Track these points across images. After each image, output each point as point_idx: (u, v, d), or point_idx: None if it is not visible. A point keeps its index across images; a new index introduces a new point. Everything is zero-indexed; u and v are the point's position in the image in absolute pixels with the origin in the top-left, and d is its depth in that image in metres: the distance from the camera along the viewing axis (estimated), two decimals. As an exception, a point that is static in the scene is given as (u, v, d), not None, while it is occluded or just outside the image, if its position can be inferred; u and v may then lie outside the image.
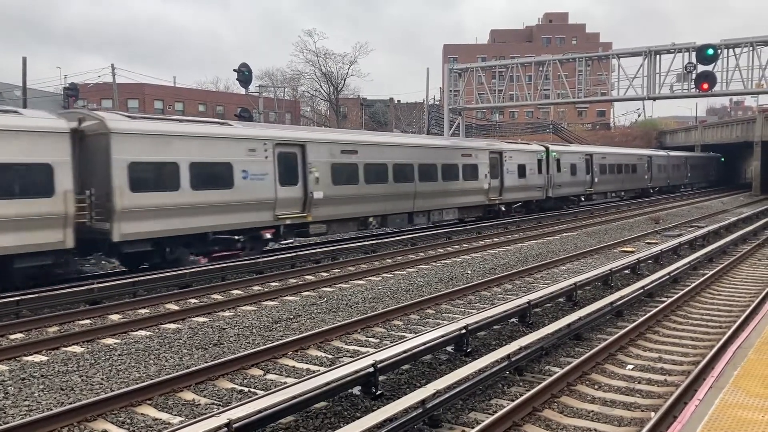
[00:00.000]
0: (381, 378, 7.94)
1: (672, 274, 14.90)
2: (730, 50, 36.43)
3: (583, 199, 39.35)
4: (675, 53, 37.34)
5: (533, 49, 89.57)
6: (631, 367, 9.16)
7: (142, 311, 12.84)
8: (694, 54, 36.35)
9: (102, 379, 8.73)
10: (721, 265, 16.79)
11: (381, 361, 7.84)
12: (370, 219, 22.87)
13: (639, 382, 8.52)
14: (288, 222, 19.22)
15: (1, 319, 11.81)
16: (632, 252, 19.47)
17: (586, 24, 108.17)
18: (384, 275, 16.58)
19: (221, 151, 17.28)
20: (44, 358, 9.65)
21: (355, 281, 15.81)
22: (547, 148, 34.49)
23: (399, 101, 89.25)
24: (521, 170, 31.78)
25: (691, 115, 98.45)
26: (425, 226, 26.54)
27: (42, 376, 8.80)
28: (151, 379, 8.41)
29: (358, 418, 6.73)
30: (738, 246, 20.97)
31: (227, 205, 17.32)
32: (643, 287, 13.17)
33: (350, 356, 9.48)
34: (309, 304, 13.30)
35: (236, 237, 17.97)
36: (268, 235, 19.10)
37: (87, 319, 12.17)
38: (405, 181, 23.94)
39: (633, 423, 7.18)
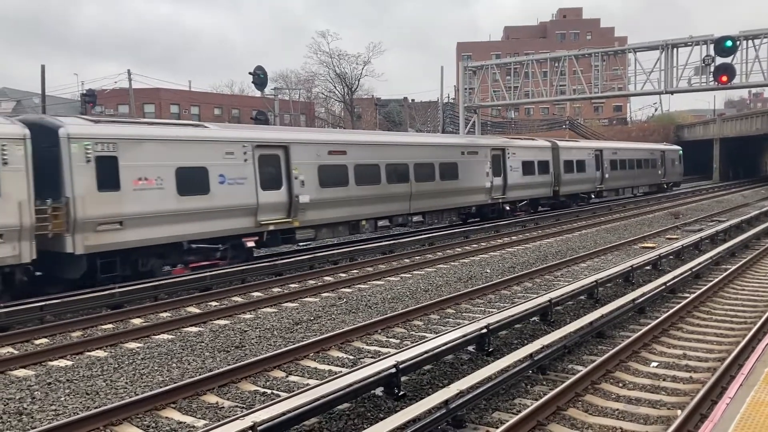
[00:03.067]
0: (403, 378, 7.93)
1: (694, 270, 14.73)
2: (750, 41, 35.89)
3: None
4: (692, 46, 36.85)
5: (547, 45, 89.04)
6: (655, 364, 9.07)
7: (164, 315, 12.93)
8: (712, 46, 35.90)
9: (126, 383, 8.80)
10: (744, 260, 16.58)
11: (403, 362, 7.83)
12: None
13: (664, 380, 8.43)
14: None
15: (26, 325, 11.96)
16: (653, 248, 19.28)
17: (600, 19, 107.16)
18: (402, 275, 16.56)
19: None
20: (69, 363, 9.75)
21: (374, 281, 15.81)
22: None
23: (413, 100, 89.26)
24: None
25: (709, 108, 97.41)
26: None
27: (67, 380, 8.89)
28: (175, 383, 8.45)
29: (382, 419, 6.74)
30: (761, 240, 20.68)
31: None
32: (665, 283, 13.04)
33: (372, 357, 9.47)
34: (329, 305, 13.32)
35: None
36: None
37: (109, 323, 12.28)
38: None
39: (659, 421, 7.11)
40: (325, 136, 23.40)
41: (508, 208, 29.61)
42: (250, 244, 17.92)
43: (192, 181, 16.20)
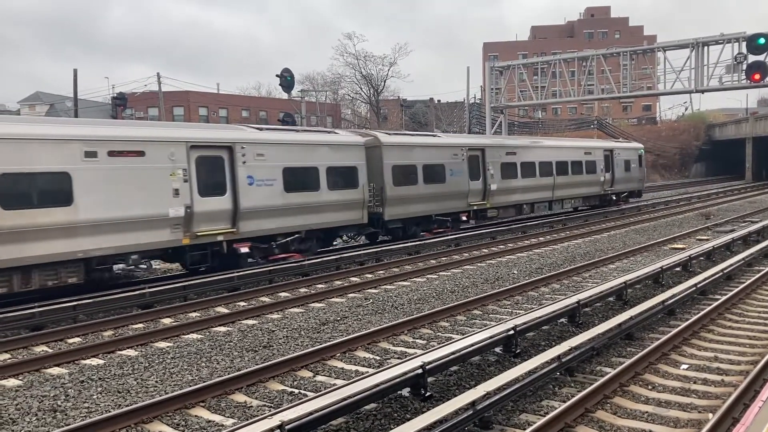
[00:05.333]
0: (430, 379, 7.93)
1: (725, 271, 14.50)
2: (783, 39, 35.19)
3: None
4: (724, 44, 36.27)
5: (575, 44, 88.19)
6: (685, 366, 8.95)
7: (193, 315, 13.10)
8: (744, 44, 35.28)
9: (156, 381, 8.94)
10: (778, 261, 16.26)
11: (429, 363, 7.83)
12: None
13: (694, 383, 8.31)
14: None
15: (60, 324, 12.21)
16: (683, 249, 19.01)
17: (629, 17, 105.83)
18: (428, 276, 16.55)
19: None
20: (101, 362, 9.94)
21: (400, 282, 15.83)
22: None
23: (439, 101, 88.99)
24: None
25: (741, 107, 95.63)
26: (470, 226, 26.16)
27: (99, 378, 9.06)
28: (204, 382, 8.56)
29: (409, 419, 6.74)
30: (795, 241, 20.26)
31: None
32: (695, 285, 12.85)
33: (398, 358, 9.49)
34: (355, 305, 13.37)
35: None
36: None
37: (140, 323, 12.48)
38: None
39: (690, 424, 7.01)
40: None
41: (246, 249, 16.99)
42: None
43: None
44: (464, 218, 25.46)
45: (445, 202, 24.06)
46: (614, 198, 36.08)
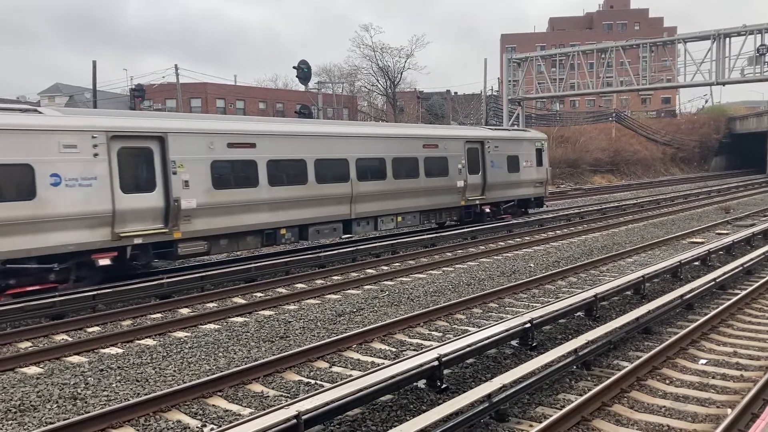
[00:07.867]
0: (446, 372, 7.95)
1: (745, 266, 14.35)
2: (806, 30, 34.65)
3: None
4: (746, 35, 35.78)
5: (594, 36, 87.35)
6: (704, 361, 8.89)
7: (211, 305, 13.19)
8: (767, 35, 34.76)
9: (174, 371, 9.03)
10: (799, 256, 16.03)
11: (445, 355, 7.85)
12: None
13: (713, 378, 8.25)
14: None
15: (80, 313, 12.36)
16: (702, 243, 18.82)
17: (648, 9, 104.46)
18: (444, 269, 16.54)
19: None
20: (120, 351, 10.05)
21: (416, 275, 15.83)
22: None
23: (456, 93, 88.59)
24: None
25: (763, 100, 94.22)
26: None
27: (119, 367, 9.17)
28: (221, 372, 8.63)
29: (425, 411, 6.76)
30: (817, 236, 19.99)
31: None
32: (714, 279, 12.73)
33: (414, 349, 9.51)
34: (371, 297, 13.40)
35: None
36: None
37: (158, 313, 12.60)
38: None
39: (708, 419, 6.96)
40: None
41: None
42: None
43: None
44: (105, 262, 13.99)
45: (41, 236, 12.87)
46: (488, 211, 25.10)
